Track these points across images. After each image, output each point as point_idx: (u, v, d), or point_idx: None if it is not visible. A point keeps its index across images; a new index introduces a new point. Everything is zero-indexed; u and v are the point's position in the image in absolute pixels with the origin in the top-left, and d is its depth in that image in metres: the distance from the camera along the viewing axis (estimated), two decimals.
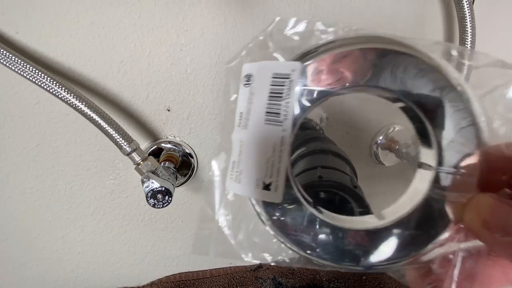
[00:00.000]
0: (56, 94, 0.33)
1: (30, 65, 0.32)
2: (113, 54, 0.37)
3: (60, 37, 0.35)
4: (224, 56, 0.41)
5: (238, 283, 0.57)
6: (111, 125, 0.35)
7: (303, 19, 0.20)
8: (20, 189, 0.41)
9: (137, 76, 0.39)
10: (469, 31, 0.44)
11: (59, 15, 0.34)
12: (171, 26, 0.38)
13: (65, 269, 0.48)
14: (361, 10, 0.45)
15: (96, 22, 0.35)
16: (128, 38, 0.37)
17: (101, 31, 0.36)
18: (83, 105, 0.34)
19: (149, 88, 0.40)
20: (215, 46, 0.40)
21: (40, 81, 0.32)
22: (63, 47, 0.35)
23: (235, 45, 0.41)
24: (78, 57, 0.36)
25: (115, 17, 0.36)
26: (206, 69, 0.41)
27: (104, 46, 0.36)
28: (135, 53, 0.38)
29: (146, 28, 0.37)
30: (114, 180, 0.44)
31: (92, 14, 0.35)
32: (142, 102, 0.40)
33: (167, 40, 0.38)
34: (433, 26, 0.50)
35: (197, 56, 0.40)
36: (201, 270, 0.58)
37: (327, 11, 0.43)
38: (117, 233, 0.48)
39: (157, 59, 0.39)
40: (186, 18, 0.38)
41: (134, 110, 0.41)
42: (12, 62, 0.32)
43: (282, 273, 0.60)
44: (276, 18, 0.20)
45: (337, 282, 0.59)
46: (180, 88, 0.41)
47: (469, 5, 0.43)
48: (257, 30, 0.41)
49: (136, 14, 0.36)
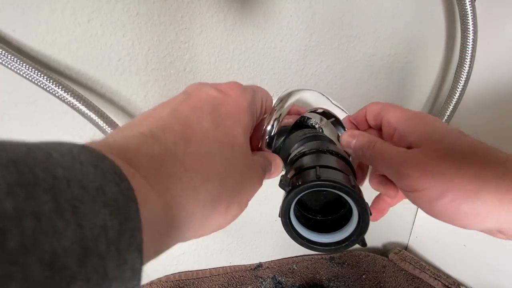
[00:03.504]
0: (53, 93, 0.33)
1: (26, 63, 0.32)
2: (111, 52, 0.37)
3: (57, 35, 0.34)
4: (223, 54, 0.41)
5: (238, 282, 0.57)
6: (110, 124, 0.34)
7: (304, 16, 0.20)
8: None
9: (136, 75, 0.39)
10: (470, 29, 0.44)
11: (56, 13, 0.34)
12: (169, 24, 0.37)
13: None
14: (362, 8, 0.45)
15: (93, 20, 0.35)
16: (126, 35, 0.36)
17: (98, 29, 0.35)
18: (81, 104, 0.33)
19: (148, 87, 0.40)
20: (214, 44, 0.40)
21: (37, 79, 0.32)
22: (60, 45, 0.35)
23: (234, 43, 0.41)
24: (75, 55, 0.36)
25: (113, 15, 0.35)
26: (205, 67, 0.41)
27: (101, 44, 0.36)
28: (133, 51, 0.37)
29: (145, 25, 0.37)
30: None
31: (89, 11, 0.34)
32: (141, 101, 0.40)
33: (165, 37, 0.38)
34: (435, 24, 0.50)
35: (196, 54, 0.40)
36: (200, 269, 0.58)
37: (327, 9, 0.43)
38: None
39: (156, 57, 0.38)
40: (185, 15, 0.37)
41: (133, 109, 0.40)
42: (9, 61, 0.31)
43: (282, 272, 0.60)
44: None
45: (337, 281, 0.59)
46: (179, 87, 0.41)
47: (471, 3, 0.42)
48: (256, 28, 0.41)
49: (134, 12, 0.36)
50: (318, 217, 0.27)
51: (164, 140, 0.17)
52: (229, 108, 0.21)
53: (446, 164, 0.22)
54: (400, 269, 0.61)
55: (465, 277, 0.58)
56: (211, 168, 0.18)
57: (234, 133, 0.20)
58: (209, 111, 0.20)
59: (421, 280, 0.59)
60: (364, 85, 0.50)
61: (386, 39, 0.48)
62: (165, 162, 0.16)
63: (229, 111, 0.21)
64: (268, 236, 0.60)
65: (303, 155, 0.28)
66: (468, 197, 0.21)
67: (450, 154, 0.22)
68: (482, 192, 0.21)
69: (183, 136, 0.18)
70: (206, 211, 0.18)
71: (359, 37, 0.46)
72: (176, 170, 0.16)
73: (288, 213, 0.24)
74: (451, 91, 0.47)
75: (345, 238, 0.24)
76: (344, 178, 0.23)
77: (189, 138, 0.18)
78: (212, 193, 0.18)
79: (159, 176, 0.16)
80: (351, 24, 0.45)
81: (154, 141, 0.16)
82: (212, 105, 0.20)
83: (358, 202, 0.22)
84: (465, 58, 0.45)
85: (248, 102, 0.22)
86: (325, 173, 0.23)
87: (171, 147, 0.17)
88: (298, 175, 0.24)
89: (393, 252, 0.66)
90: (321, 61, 0.46)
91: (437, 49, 0.52)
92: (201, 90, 0.21)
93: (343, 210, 0.26)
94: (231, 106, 0.21)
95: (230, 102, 0.21)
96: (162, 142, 0.17)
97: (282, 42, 0.43)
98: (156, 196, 0.15)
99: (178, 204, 0.16)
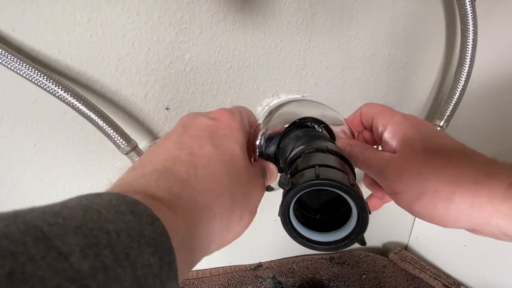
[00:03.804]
0: (53, 93, 0.33)
1: (26, 63, 0.32)
2: (110, 52, 0.37)
3: (57, 35, 0.34)
4: (223, 54, 0.41)
5: (238, 282, 0.57)
6: (109, 124, 0.34)
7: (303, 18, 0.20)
8: (18, 189, 0.41)
9: (135, 75, 0.39)
10: (470, 29, 0.44)
11: (56, 13, 0.34)
12: (169, 24, 0.37)
13: None
14: (362, 8, 0.45)
15: (93, 20, 0.35)
16: (126, 35, 0.36)
17: (98, 29, 0.35)
18: (81, 104, 0.33)
19: (148, 87, 0.40)
20: (214, 44, 0.40)
21: (37, 79, 0.32)
22: (60, 45, 0.35)
23: (234, 43, 0.41)
24: (75, 55, 0.36)
25: (113, 15, 0.35)
26: (205, 67, 0.41)
27: (101, 44, 0.36)
28: (133, 51, 0.37)
29: (145, 25, 0.37)
30: (113, 179, 0.44)
31: (89, 11, 0.34)
32: (141, 101, 0.40)
33: (165, 37, 0.38)
34: (435, 24, 0.50)
35: (196, 54, 0.40)
36: (200, 269, 0.58)
37: (327, 8, 0.43)
38: None
39: (156, 57, 0.38)
40: (185, 15, 0.38)
41: (133, 109, 0.40)
42: (9, 60, 0.31)
43: (282, 272, 0.60)
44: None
45: (337, 281, 0.59)
46: (179, 87, 0.41)
47: (471, 3, 0.42)
48: (256, 28, 0.41)
49: (134, 11, 0.36)
50: (318, 216, 0.27)
51: (176, 171, 0.20)
52: (224, 131, 0.24)
53: (423, 168, 0.24)
54: (400, 269, 0.61)
55: (465, 277, 0.58)
56: (220, 185, 0.21)
57: (233, 151, 0.23)
58: (207, 138, 0.22)
59: (421, 280, 0.59)
60: (364, 85, 0.50)
61: (386, 39, 0.48)
62: (182, 189, 0.19)
63: (225, 134, 0.23)
64: (268, 236, 0.59)
65: (303, 154, 0.28)
66: (442, 199, 0.23)
67: (427, 159, 0.24)
68: (455, 195, 0.23)
69: (191, 164, 0.20)
70: (223, 223, 0.21)
71: (359, 37, 0.46)
72: (192, 195, 0.19)
73: (287, 212, 0.24)
74: (451, 91, 0.47)
75: (344, 237, 0.24)
76: (343, 177, 0.23)
77: (196, 164, 0.20)
78: (226, 207, 0.21)
79: (180, 203, 0.18)
80: (351, 24, 0.45)
81: (168, 174, 0.19)
82: (209, 132, 0.23)
83: (357, 201, 0.22)
84: (465, 58, 0.45)
85: (238, 123, 0.25)
86: (324, 172, 0.23)
87: (183, 176, 0.19)
88: (298, 174, 0.24)
89: (393, 252, 0.65)
90: (321, 61, 0.46)
91: (437, 49, 0.52)
92: (195, 120, 0.24)
93: (342, 209, 0.26)
94: (225, 129, 0.24)
95: (224, 126, 0.24)
96: (175, 173, 0.19)
97: (282, 42, 0.43)
98: (181, 221, 0.17)
99: (199, 223, 0.19)
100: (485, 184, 0.22)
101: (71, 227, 0.12)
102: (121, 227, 0.13)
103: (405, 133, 0.26)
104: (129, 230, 0.14)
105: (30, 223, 0.11)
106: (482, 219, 0.22)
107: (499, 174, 0.22)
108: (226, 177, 0.21)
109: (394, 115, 0.28)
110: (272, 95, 0.46)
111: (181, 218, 0.18)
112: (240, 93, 0.44)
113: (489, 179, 0.22)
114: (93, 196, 0.15)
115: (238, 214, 0.22)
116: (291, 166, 0.28)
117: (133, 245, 0.13)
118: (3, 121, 0.37)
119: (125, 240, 0.13)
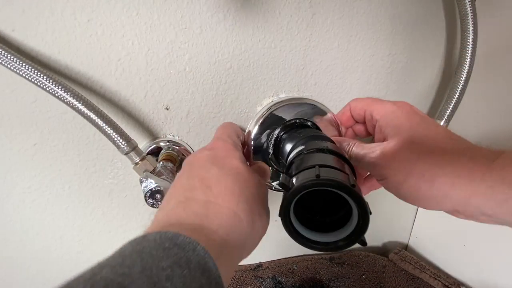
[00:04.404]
0: (53, 93, 0.33)
1: (26, 63, 0.32)
2: (110, 52, 0.37)
3: (56, 35, 0.34)
4: (223, 53, 0.41)
5: (238, 282, 0.57)
6: (109, 124, 0.34)
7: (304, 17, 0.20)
8: (18, 188, 0.40)
9: (135, 75, 0.39)
10: (470, 29, 0.44)
11: (56, 12, 0.34)
12: (169, 24, 0.37)
13: (64, 268, 0.48)
14: (362, 8, 0.45)
15: (93, 20, 0.35)
16: (126, 35, 0.36)
17: (98, 29, 0.35)
18: (81, 104, 0.33)
19: (147, 87, 0.40)
20: (214, 44, 0.40)
21: (36, 79, 0.32)
22: (60, 45, 0.35)
23: (234, 43, 0.41)
24: (75, 55, 0.36)
25: (113, 15, 0.35)
26: (205, 67, 0.41)
27: (101, 44, 0.36)
28: (133, 51, 0.37)
29: (144, 25, 0.37)
30: (112, 179, 0.44)
31: (89, 11, 0.34)
32: (140, 101, 0.40)
33: (165, 37, 0.38)
34: (435, 24, 0.50)
35: (196, 54, 0.40)
36: None
37: (327, 8, 0.43)
38: (116, 233, 0.47)
39: (156, 57, 0.38)
40: (185, 15, 0.37)
41: (132, 109, 0.40)
42: (8, 60, 0.31)
43: (282, 272, 0.59)
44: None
45: (337, 281, 0.59)
46: (179, 87, 0.41)
47: (471, 3, 0.42)
48: (256, 28, 0.41)
49: (134, 12, 0.36)
50: (318, 217, 0.27)
51: (196, 196, 0.23)
52: (222, 154, 0.28)
53: (409, 153, 0.26)
54: (400, 269, 0.61)
55: (465, 277, 0.58)
56: (234, 194, 0.24)
57: (234, 165, 0.26)
58: (211, 163, 0.26)
59: (421, 280, 0.59)
60: (364, 85, 0.50)
61: (386, 39, 0.48)
62: (206, 209, 0.22)
63: (224, 155, 0.27)
64: (268, 236, 0.59)
65: (303, 155, 0.28)
66: (426, 181, 0.24)
67: (413, 144, 0.26)
68: (437, 177, 0.24)
69: (205, 186, 0.24)
70: (249, 223, 0.23)
71: (359, 37, 0.46)
72: (216, 210, 0.22)
73: (288, 212, 0.24)
74: (451, 91, 0.47)
75: (345, 237, 0.24)
76: (344, 177, 0.23)
77: (209, 185, 0.24)
78: (246, 210, 0.24)
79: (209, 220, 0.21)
80: (351, 24, 0.45)
81: (190, 201, 0.23)
82: (211, 158, 0.27)
83: (358, 201, 0.22)
84: (465, 58, 0.45)
85: (232, 144, 0.30)
86: (324, 173, 0.23)
87: (203, 198, 0.23)
88: (298, 174, 0.24)
89: (393, 252, 0.65)
90: (321, 61, 0.46)
91: (437, 49, 0.52)
92: (197, 156, 0.28)
93: (343, 209, 0.26)
94: (223, 151, 0.28)
95: (221, 150, 0.28)
96: (195, 198, 0.23)
97: (282, 42, 0.43)
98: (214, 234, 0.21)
99: (230, 232, 0.22)
100: (466, 165, 0.23)
101: (136, 272, 0.15)
102: (172, 260, 0.16)
103: (397, 122, 0.28)
104: (179, 261, 0.17)
105: (107, 278, 0.15)
106: (462, 199, 0.23)
107: (481, 157, 0.23)
108: (236, 186, 0.24)
109: (385, 105, 0.30)
110: (272, 95, 0.46)
111: (214, 231, 0.21)
112: (240, 93, 0.44)
113: (471, 161, 0.23)
114: (141, 239, 0.18)
115: (257, 213, 0.25)
116: (291, 166, 0.28)
117: (185, 272, 0.16)
118: (3, 121, 0.37)
119: (177, 271, 0.16)
